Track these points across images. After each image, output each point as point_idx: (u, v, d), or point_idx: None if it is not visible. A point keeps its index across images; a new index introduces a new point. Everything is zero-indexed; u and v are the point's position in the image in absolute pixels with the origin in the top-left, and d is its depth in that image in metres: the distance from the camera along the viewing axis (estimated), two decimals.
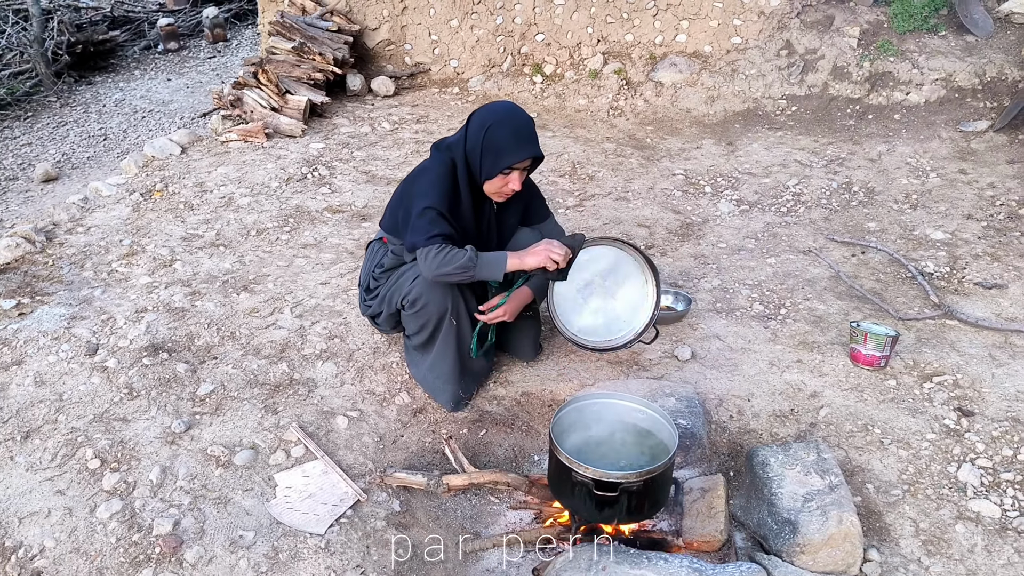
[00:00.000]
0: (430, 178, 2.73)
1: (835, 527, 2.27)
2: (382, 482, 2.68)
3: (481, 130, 2.64)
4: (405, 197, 2.83)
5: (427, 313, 2.85)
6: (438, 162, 2.75)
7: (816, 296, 3.58)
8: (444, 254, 2.59)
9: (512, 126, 2.64)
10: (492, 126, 2.63)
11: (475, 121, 2.68)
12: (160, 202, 4.49)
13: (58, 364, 3.14)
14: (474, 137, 2.66)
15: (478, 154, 2.65)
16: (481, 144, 2.64)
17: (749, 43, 5.85)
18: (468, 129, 2.69)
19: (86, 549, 2.40)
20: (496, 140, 2.62)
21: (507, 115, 2.67)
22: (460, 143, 2.72)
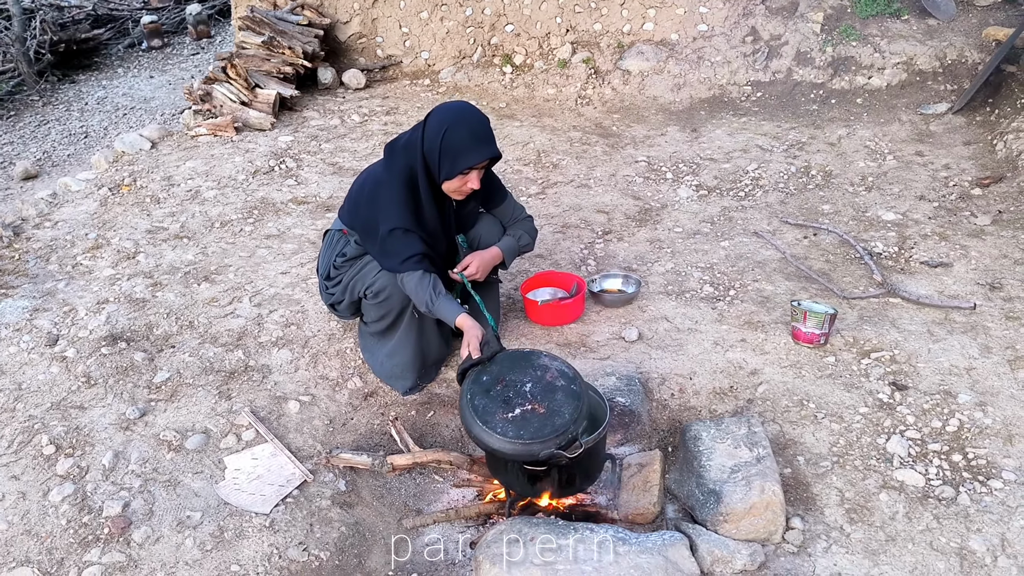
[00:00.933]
0: (388, 193, 2.76)
1: (757, 496, 2.35)
2: (328, 463, 2.76)
3: (439, 133, 2.66)
4: (365, 205, 2.85)
5: (390, 304, 2.92)
6: (394, 172, 2.77)
7: (765, 277, 3.65)
8: (415, 283, 2.74)
9: (469, 128, 2.67)
10: (449, 128, 2.65)
11: (432, 123, 2.69)
12: (127, 196, 4.56)
13: (18, 355, 3.22)
14: (432, 139, 2.68)
15: (436, 156, 2.68)
16: (440, 146, 2.66)
17: (715, 30, 5.90)
18: (425, 131, 2.70)
19: (37, 531, 2.48)
20: (454, 142, 2.65)
21: (463, 116, 2.69)
22: (417, 144, 2.72)
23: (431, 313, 2.79)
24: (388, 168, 2.80)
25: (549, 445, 2.26)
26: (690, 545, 2.26)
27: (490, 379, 2.42)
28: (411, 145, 2.74)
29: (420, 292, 2.74)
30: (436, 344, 3.12)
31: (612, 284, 3.58)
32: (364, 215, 2.86)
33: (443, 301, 2.74)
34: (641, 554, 2.18)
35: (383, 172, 2.82)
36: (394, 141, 2.86)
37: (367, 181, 2.90)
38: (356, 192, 2.93)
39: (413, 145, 2.73)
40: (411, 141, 2.75)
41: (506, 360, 2.50)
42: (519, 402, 2.33)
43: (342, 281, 3.02)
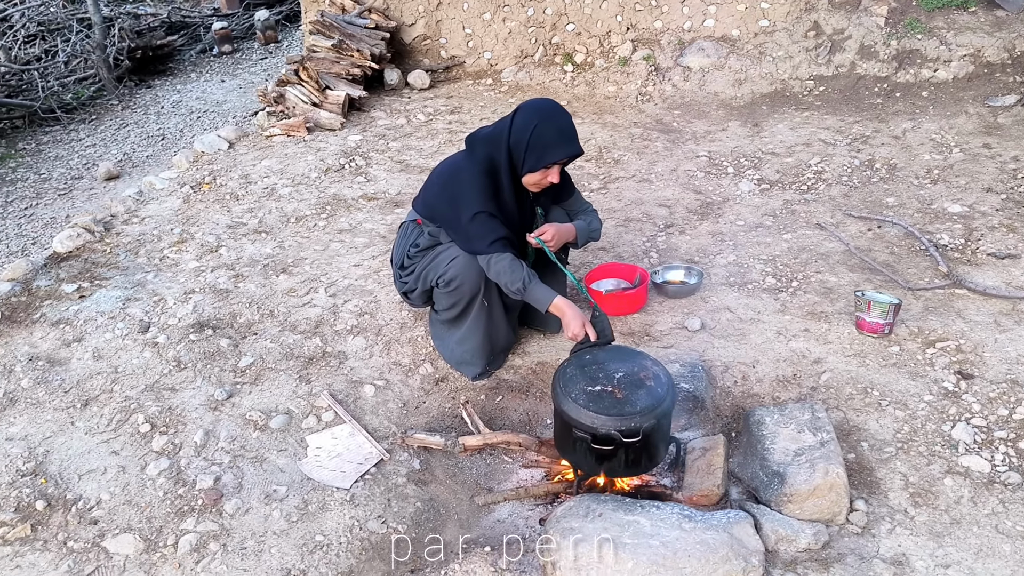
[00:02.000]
0: (471, 179, 2.88)
1: (821, 478, 2.41)
2: (404, 443, 2.90)
3: (528, 128, 2.78)
4: (446, 193, 2.97)
5: (461, 293, 3.03)
6: (475, 160, 2.90)
7: (828, 269, 3.68)
8: (503, 265, 2.82)
9: (557, 125, 2.80)
10: (539, 124, 2.77)
11: (521, 118, 2.82)
12: (208, 194, 4.80)
13: (114, 340, 3.44)
14: (520, 133, 2.80)
15: (523, 149, 2.80)
16: (528, 141, 2.78)
17: (777, 25, 5.90)
18: (514, 125, 2.82)
19: (137, 501, 2.67)
20: (542, 138, 2.78)
21: (552, 113, 2.82)
22: (502, 137, 2.84)
23: (522, 295, 2.85)
24: (469, 158, 2.93)
25: (610, 425, 2.37)
26: (754, 524, 2.33)
27: (591, 359, 2.57)
28: (496, 137, 2.86)
29: (513, 275, 2.82)
30: (504, 332, 3.24)
31: (675, 275, 3.65)
32: (443, 203, 2.97)
33: (537, 285, 2.84)
34: (707, 530, 2.25)
35: (464, 161, 2.95)
36: (475, 133, 2.99)
37: (447, 170, 3.02)
38: (434, 181, 3.05)
39: (498, 137, 2.85)
40: (496, 134, 2.87)
41: (614, 351, 2.65)
42: (603, 383, 2.45)
43: (415, 270, 3.15)
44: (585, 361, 2.60)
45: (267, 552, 2.47)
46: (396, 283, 3.31)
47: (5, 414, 3.04)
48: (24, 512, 2.62)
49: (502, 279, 2.86)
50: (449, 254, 3.02)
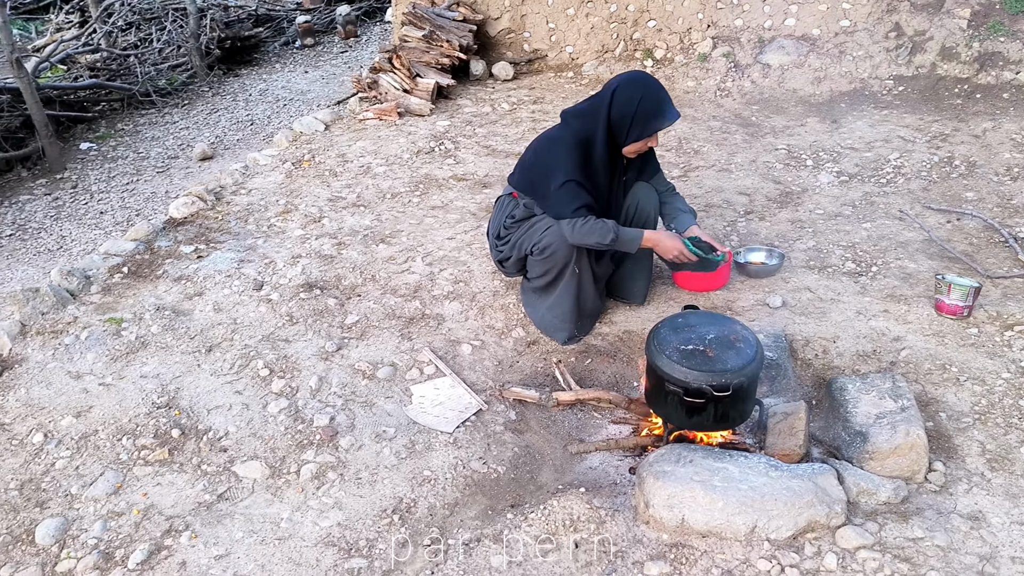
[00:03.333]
0: (564, 149, 3.09)
1: (902, 438, 2.55)
2: (501, 395, 3.12)
3: (633, 100, 3.00)
4: (539, 164, 3.19)
5: (553, 260, 3.23)
6: (570, 132, 3.11)
7: (908, 256, 3.79)
8: (588, 226, 3.04)
9: (659, 95, 3.04)
10: (644, 96, 3.00)
11: (624, 92, 3.02)
12: (308, 170, 5.10)
13: (232, 296, 3.74)
14: (624, 106, 3.00)
15: (628, 122, 3.02)
16: (634, 113, 3.00)
17: (858, 25, 5.99)
18: (616, 98, 3.02)
19: (261, 434, 2.94)
20: (647, 109, 3.00)
21: (653, 85, 3.06)
22: (601, 111, 3.04)
23: (615, 245, 3.08)
24: (563, 130, 3.14)
25: (701, 380, 2.54)
26: (837, 477, 2.49)
27: (683, 321, 2.75)
28: (593, 112, 3.07)
29: (599, 230, 3.04)
30: (592, 298, 3.43)
31: (756, 256, 3.80)
32: (536, 173, 3.18)
33: (624, 230, 3.09)
34: (792, 479, 2.42)
35: (558, 133, 3.16)
36: (569, 109, 3.20)
37: (541, 143, 3.23)
38: (530, 154, 3.27)
39: (595, 112, 3.06)
40: (593, 108, 3.08)
41: (705, 315, 2.83)
42: (696, 342, 2.63)
43: (511, 240, 3.36)
44: (678, 324, 2.78)
45: (380, 482, 2.71)
46: (492, 252, 3.53)
47: (139, 355, 3.35)
48: (162, 438, 2.91)
49: (591, 237, 3.06)
50: (544, 223, 3.22)
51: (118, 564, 2.43)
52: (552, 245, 3.20)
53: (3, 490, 2.72)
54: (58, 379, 3.22)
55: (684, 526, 2.37)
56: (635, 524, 2.45)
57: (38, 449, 2.88)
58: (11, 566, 2.44)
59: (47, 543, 2.50)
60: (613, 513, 2.48)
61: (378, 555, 2.43)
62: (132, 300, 3.72)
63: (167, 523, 2.56)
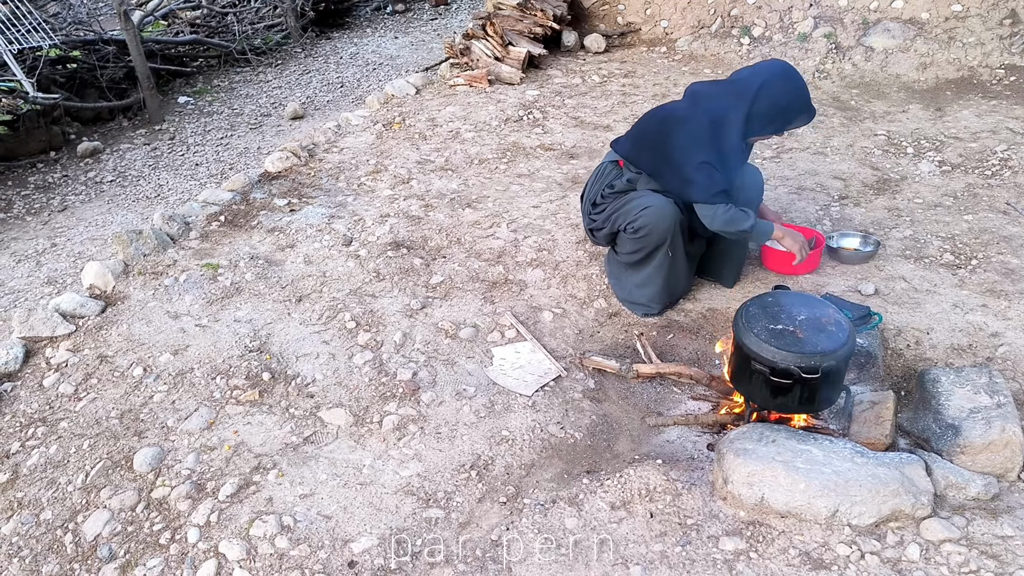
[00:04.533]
0: (699, 130, 3.02)
1: (997, 435, 2.47)
2: (580, 363, 3.13)
3: (782, 97, 2.99)
4: (667, 143, 3.10)
5: (647, 241, 3.21)
6: (702, 112, 3.04)
7: (1011, 252, 3.64)
8: (731, 214, 3.05)
9: (805, 96, 3.02)
10: (794, 96, 3.00)
11: (773, 87, 2.98)
12: (398, 132, 5.17)
13: (322, 250, 3.83)
14: (772, 101, 2.98)
15: (771, 116, 3.01)
16: (781, 109, 3.00)
17: (970, 11, 5.72)
18: (761, 92, 2.97)
19: (347, 383, 3.02)
20: (794, 107, 3.01)
21: (803, 85, 3.03)
22: (744, 101, 2.98)
23: (750, 235, 3.15)
24: (694, 109, 3.07)
25: (789, 360, 2.50)
26: (925, 468, 2.43)
27: (774, 301, 2.70)
28: (734, 99, 3.00)
29: (740, 219, 3.06)
30: (684, 280, 3.42)
31: (850, 242, 3.71)
32: (662, 148, 3.10)
33: (759, 222, 3.14)
34: (879, 466, 2.37)
35: (689, 111, 3.08)
36: (699, 88, 3.15)
37: (669, 118, 3.15)
38: (653, 127, 3.19)
39: (737, 99, 2.99)
40: (735, 95, 3.01)
41: (797, 296, 2.78)
42: (786, 322, 2.58)
43: (605, 211, 3.34)
44: (767, 303, 2.73)
45: (459, 438, 2.76)
46: (584, 219, 3.51)
47: (233, 300, 3.48)
48: (253, 380, 3.02)
49: (732, 226, 3.07)
50: (641, 202, 3.18)
51: (209, 495, 2.54)
52: (648, 226, 3.17)
53: (105, 418, 2.87)
54: (157, 318, 3.37)
55: (763, 505, 2.35)
56: (712, 499, 2.45)
57: (137, 382, 3.02)
58: (110, 488, 2.59)
59: (144, 470, 2.64)
60: (690, 487, 2.48)
61: (455, 507, 2.49)
62: (228, 248, 3.86)
63: (255, 460, 2.67)
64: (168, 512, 2.49)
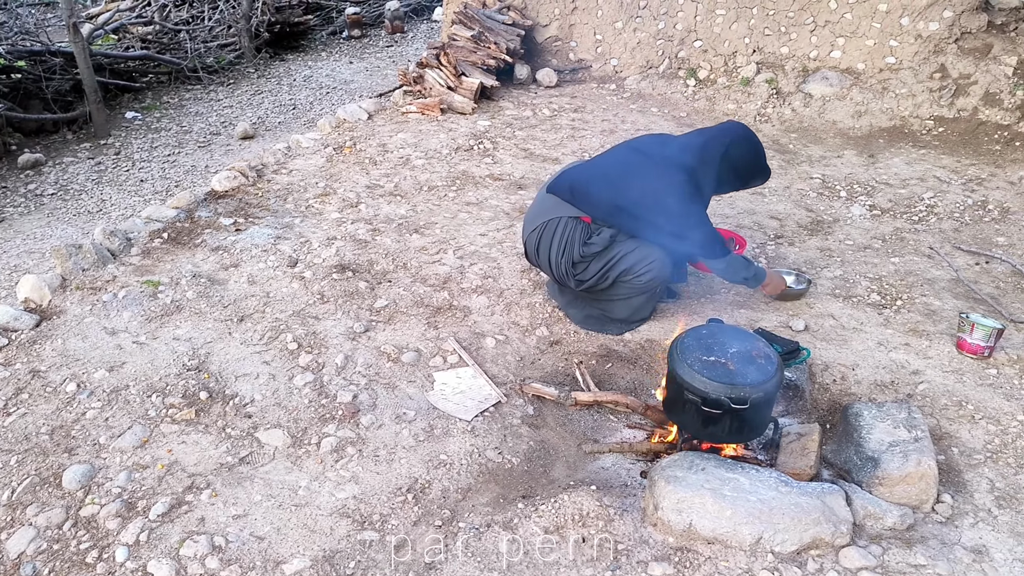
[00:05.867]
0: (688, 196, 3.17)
1: (913, 467, 2.59)
2: (520, 390, 3.18)
3: (745, 161, 3.23)
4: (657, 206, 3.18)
5: (651, 286, 3.37)
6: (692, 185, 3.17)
7: (934, 294, 3.82)
8: (739, 263, 3.31)
9: (764, 160, 3.27)
10: (755, 159, 3.25)
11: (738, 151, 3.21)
12: (349, 156, 5.20)
13: (266, 270, 3.83)
14: (736, 165, 3.22)
15: (733, 177, 3.26)
16: (743, 172, 3.26)
17: (903, 64, 6.01)
18: (727, 156, 3.18)
19: (286, 404, 3.02)
20: (754, 169, 3.28)
21: (762, 150, 3.26)
22: (714, 161, 3.18)
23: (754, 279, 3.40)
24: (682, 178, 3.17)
25: (720, 391, 2.59)
26: (845, 498, 2.53)
27: (708, 333, 2.80)
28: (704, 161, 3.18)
29: (745, 267, 3.37)
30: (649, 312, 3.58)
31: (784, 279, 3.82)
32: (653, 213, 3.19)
33: (757, 268, 3.44)
34: (801, 495, 2.46)
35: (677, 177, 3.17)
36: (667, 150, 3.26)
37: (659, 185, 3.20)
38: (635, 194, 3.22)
39: (708, 161, 3.18)
40: (705, 158, 3.18)
41: (730, 330, 2.88)
42: (718, 354, 2.68)
43: (590, 266, 3.31)
44: (702, 335, 2.83)
45: (397, 461, 2.78)
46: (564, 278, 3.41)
47: (172, 318, 3.45)
48: (190, 399, 3.00)
49: (740, 273, 3.34)
50: (644, 254, 3.26)
51: (139, 514, 2.51)
52: (656, 277, 3.32)
53: (34, 434, 2.81)
54: (94, 333, 3.32)
55: (691, 531, 2.42)
56: (642, 525, 2.50)
57: (70, 398, 2.98)
58: (37, 505, 2.54)
59: (73, 488, 2.59)
60: (622, 513, 2.54)
61: (390, 530, 2.50)
62: (170, 265, 3.83)
63: (189, 479, 2.65)
64: (96, 531, 2.45)
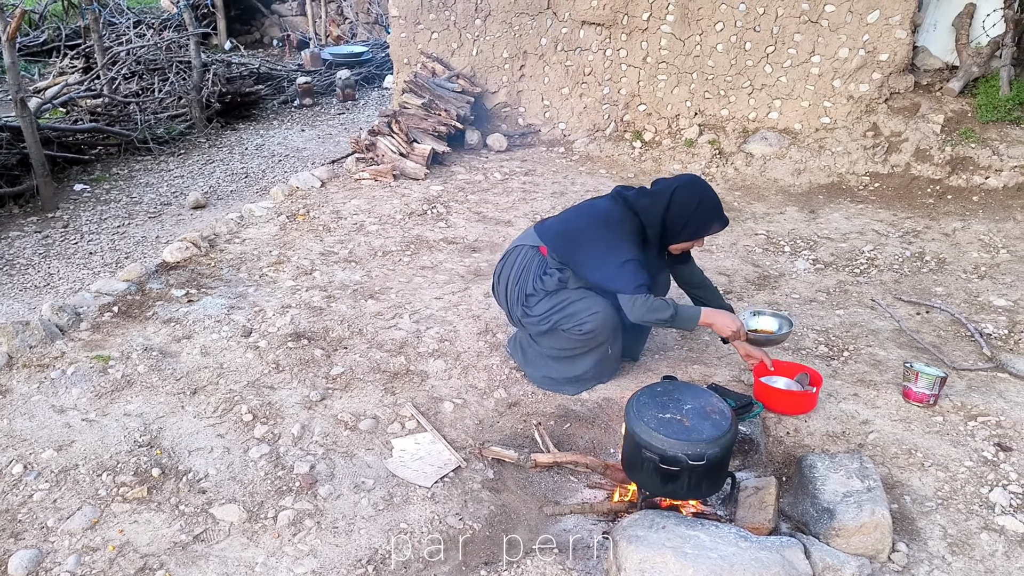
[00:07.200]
0: (626, 231, 3.20)
1: (868, 517, 2.64)
2: (480, 453, 3.18)
3: (690, 205, 3.19)
4: (595, 239, 3.25)
5: (593, 341, 3.38)
6: (628, 219, 3.22)
7: (878, 344, 3.93)
8: (651, 303, 3.15)
9: (714, 203, 3.24)
10: (702, 202, 3.20)
11: (683, 196, 3.19)
12: (302, 224, 5.22)
13: (220, 341, 3.79)
14: (682, 208, 3.19)
15: (683, 223, 3.21)
16: (690, 216, 3.20)
17: (837, 123, 6.29)
18: (673, 201, 3.18)
19: (241, 478, 2.97)
20: (704, 213, 3.22)
21: (711, 193, 3.25)
22: (658, 210, 3.20)
23: (673, 322, 3.19)
24: (623, 213, 3.23)
25: (677, 448, 2.63)
26: (804, 551, 2.55)
27: (663, 390, 2.84)
28: (650, 209, 3.22)
29: (660, 307, 3.14)
30: (613, 371, 3.62)
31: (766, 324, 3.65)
32: (590, 244, 3.24)
33: (682, 307, 3.22)
34: (761, 550, 2.48)
35: (618, 213, 3.24)
36: (625, 192, 3.33)
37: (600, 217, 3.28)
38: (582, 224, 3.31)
39: (653, 209, 3.21)
40: (650, 206, 3.22)
41: (684, 386, 2.93)
42: (673, 411, 2.72)
43: (540, 305, 3.37)
44: (657, 392, 2.88)
45: (356, 532, 2.74)
46: (511, 305, 3.45)
47: (123, 393, 3.39)
48: (142, 476, 2.93)
49: (652, 315, 3.16)
50: (587, 305, 3.32)
51: None
52: (596, 329, 3.34)
53: None
54: (41, 412, 3.24)
55: None
56: None
57: (16, 480, 2.89)
58: None
59: (20, 574, 2.50)
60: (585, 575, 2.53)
61: None
62: (120, 339, 3.77)
63: (141, 561, 2.57)
64: None
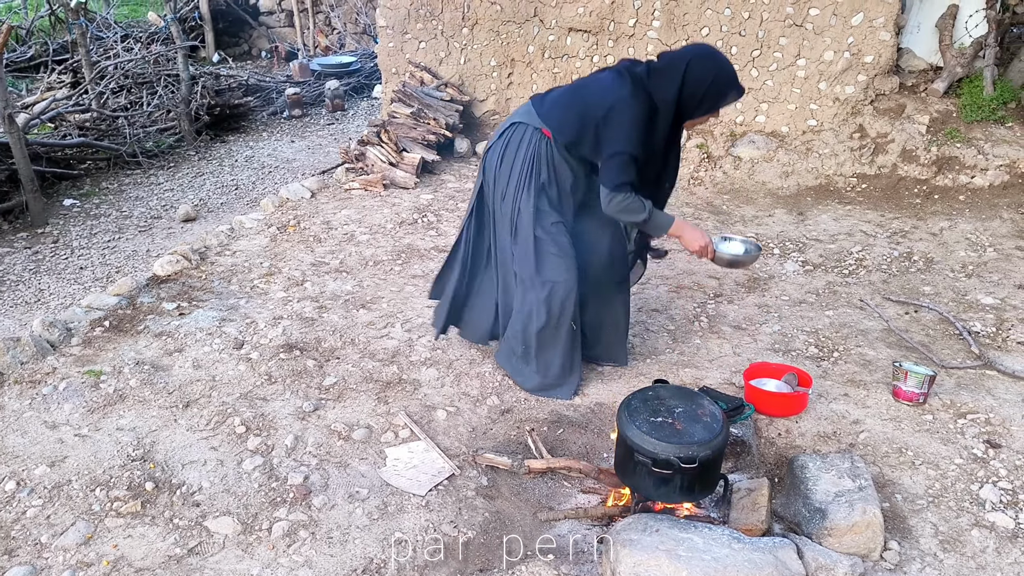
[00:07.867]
0: (630, 118, 3.02)
1: (860, 516, 2.65)
2: (474, 461, 3.19)
3: (706, 78, 2.99)
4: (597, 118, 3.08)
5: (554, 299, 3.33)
6: (639, 101, 3.03)
7: (868, 344, 3.96)
8: (627, 204, 3.07)
9: (730, 71, 3.04)
10: (718, 74, 3.02)
11: (698, 68, 2.99)
12: (293, 235, 5.22)
13: (212, 353, 3.80)
14: (698, 82, 2.99)
15: (700, 97, 3.01)
16: (706, 89, 3.00)
17: (824, 126, 6.33)
18: (688, 74, 2.98)
19: (234, 490, 2.97)
20: (720, 85, 3.02)
21: (725, 62, 3.06)
22: (674, 84, 3.00)
23: (646, 225, 3.14)
24: (632, 93, 3.04)
25: (669, 451, 2.65)
26: (797, 551, 2.57)
27: (654, 394, 2.86)
28: (666, 84, 3.02)
29: (636, 207, 3.08)
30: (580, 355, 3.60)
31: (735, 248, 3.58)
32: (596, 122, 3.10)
33: (657, 212, 3.14)
34: (754, 552, 2.50)
35: (625, 92, 3.05)
36: (633, 67, 3.13)
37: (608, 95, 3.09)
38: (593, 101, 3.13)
39: (668, 84, 3.02)
40: (666, 81, 3.03)
41: (674, 390, 2.95)
42: (665, 415, 2.74)
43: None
44: (648, 396, 2.89)
45: (351, 542, 2.74)
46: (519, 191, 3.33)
47: (115, 408, 3.39)
48: (135, 491, 2.93)
49: (627, 214, 3.10)
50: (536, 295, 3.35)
51: None
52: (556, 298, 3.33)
53: None
54: (34, 428, 3.24)
55: None
56: None
57: (10, 497, 2.88)
58: None
59: None
60: None
61: None
62: (112, 354, 3.77)
63: (136, 575, 2.57)
64: None
